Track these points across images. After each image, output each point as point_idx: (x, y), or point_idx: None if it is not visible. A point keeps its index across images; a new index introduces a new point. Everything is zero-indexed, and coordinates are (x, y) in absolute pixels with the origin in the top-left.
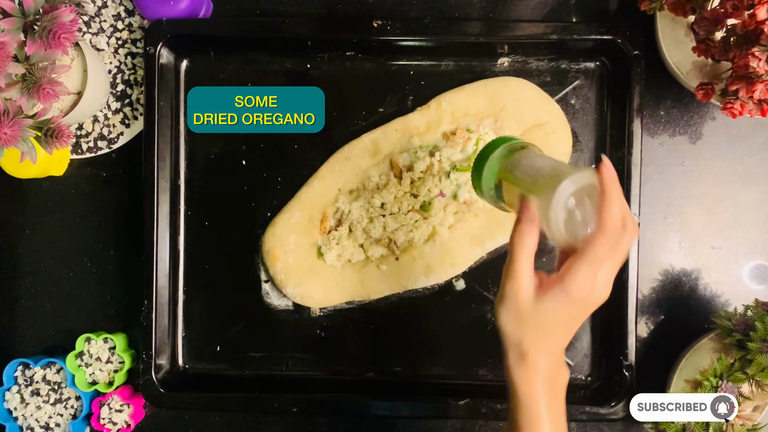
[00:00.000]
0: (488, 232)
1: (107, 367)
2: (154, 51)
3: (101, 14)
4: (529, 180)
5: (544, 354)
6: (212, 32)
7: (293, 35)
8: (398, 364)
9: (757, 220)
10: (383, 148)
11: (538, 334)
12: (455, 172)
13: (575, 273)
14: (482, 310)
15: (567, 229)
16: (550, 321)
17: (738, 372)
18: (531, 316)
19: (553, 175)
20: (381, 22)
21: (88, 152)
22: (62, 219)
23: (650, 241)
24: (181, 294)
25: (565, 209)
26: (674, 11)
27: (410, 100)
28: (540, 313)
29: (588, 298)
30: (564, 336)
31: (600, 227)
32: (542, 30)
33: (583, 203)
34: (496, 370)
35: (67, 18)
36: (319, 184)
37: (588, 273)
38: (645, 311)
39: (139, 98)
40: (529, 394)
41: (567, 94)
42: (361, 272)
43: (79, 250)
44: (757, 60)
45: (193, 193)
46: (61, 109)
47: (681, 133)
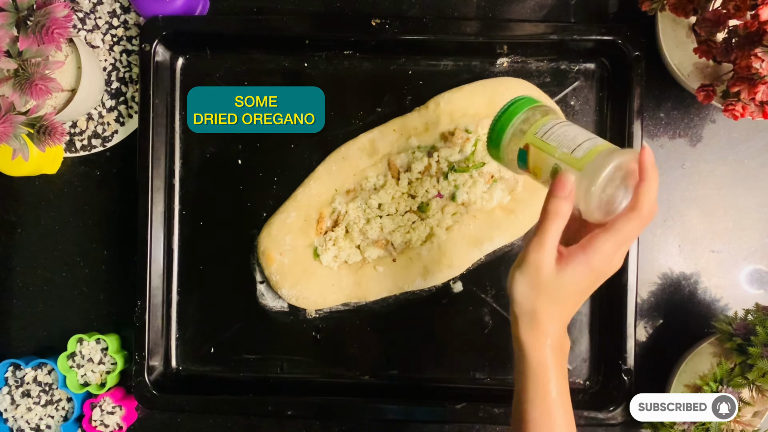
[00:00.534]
0: (486, 234)
1: (99, 369)
2: (149, 48)
3: (96, 11)
4: (567, 152)
5: (554, 321)
6: (209, 30)
7: (291, 33)
8: (395, 367)
9: (757, 223)
10: (381, 148)
11: (553, 302)
12: (453, 173)
13: (601, 246)
14: (480, 312)
15: (602, 205)
16: (566, 291)
17: (738, 377)
18: (549, 286)
19: (597, 151)
20: (379, 21)
21: (82, 150)
22: (55, 218)
23: (650, 245)
24: (175, 295)
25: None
26: (675, 12)
27: (408, 100)
28: (558, 283)
29: (607, 269)
30: (575, 305)
31: (636, 208)
32: (542, 30)
33: (617, 181)
34: (494, 374)
35: (61, 13)
36: (315, 185)
37: (613, 248)
38: (644, 315)
39: (134, 96)
40: (539, 359)
41: (567, 95)
42: (358, 274)
43: (72, 250)
44: (759, 61)
45: (187, 193)
46: (54, 107)
47: (681, 135)
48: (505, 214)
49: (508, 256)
